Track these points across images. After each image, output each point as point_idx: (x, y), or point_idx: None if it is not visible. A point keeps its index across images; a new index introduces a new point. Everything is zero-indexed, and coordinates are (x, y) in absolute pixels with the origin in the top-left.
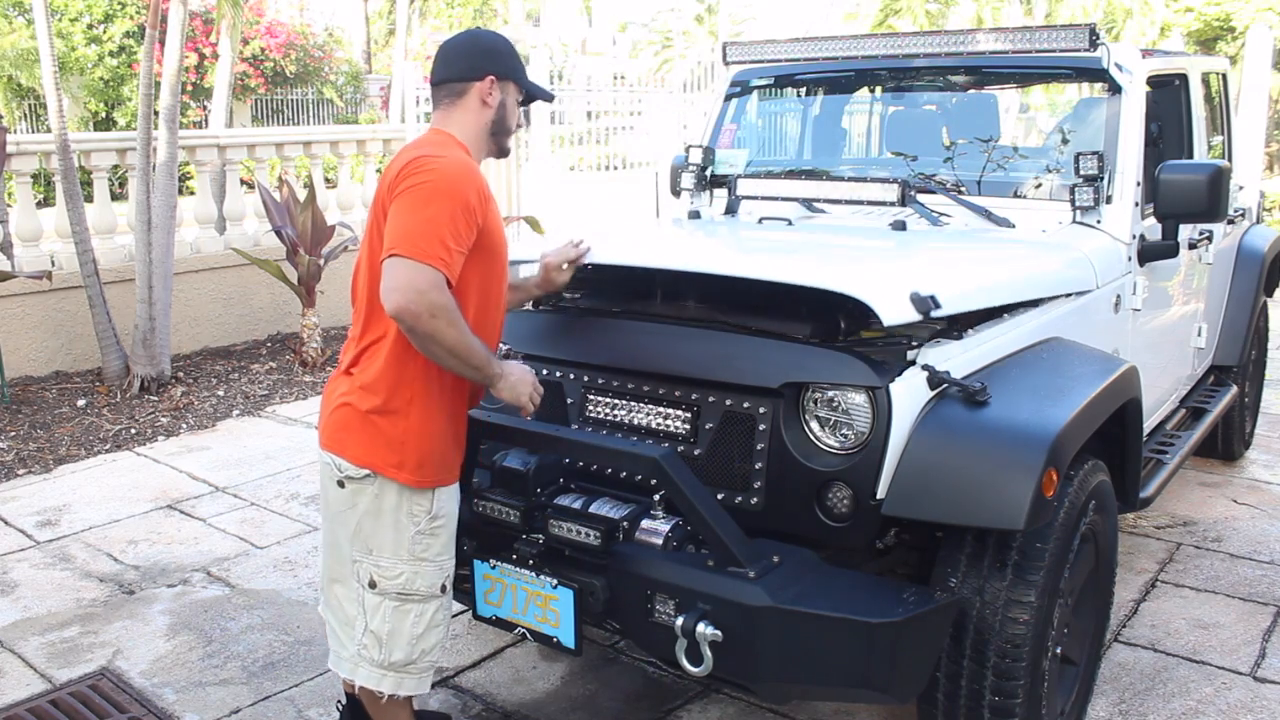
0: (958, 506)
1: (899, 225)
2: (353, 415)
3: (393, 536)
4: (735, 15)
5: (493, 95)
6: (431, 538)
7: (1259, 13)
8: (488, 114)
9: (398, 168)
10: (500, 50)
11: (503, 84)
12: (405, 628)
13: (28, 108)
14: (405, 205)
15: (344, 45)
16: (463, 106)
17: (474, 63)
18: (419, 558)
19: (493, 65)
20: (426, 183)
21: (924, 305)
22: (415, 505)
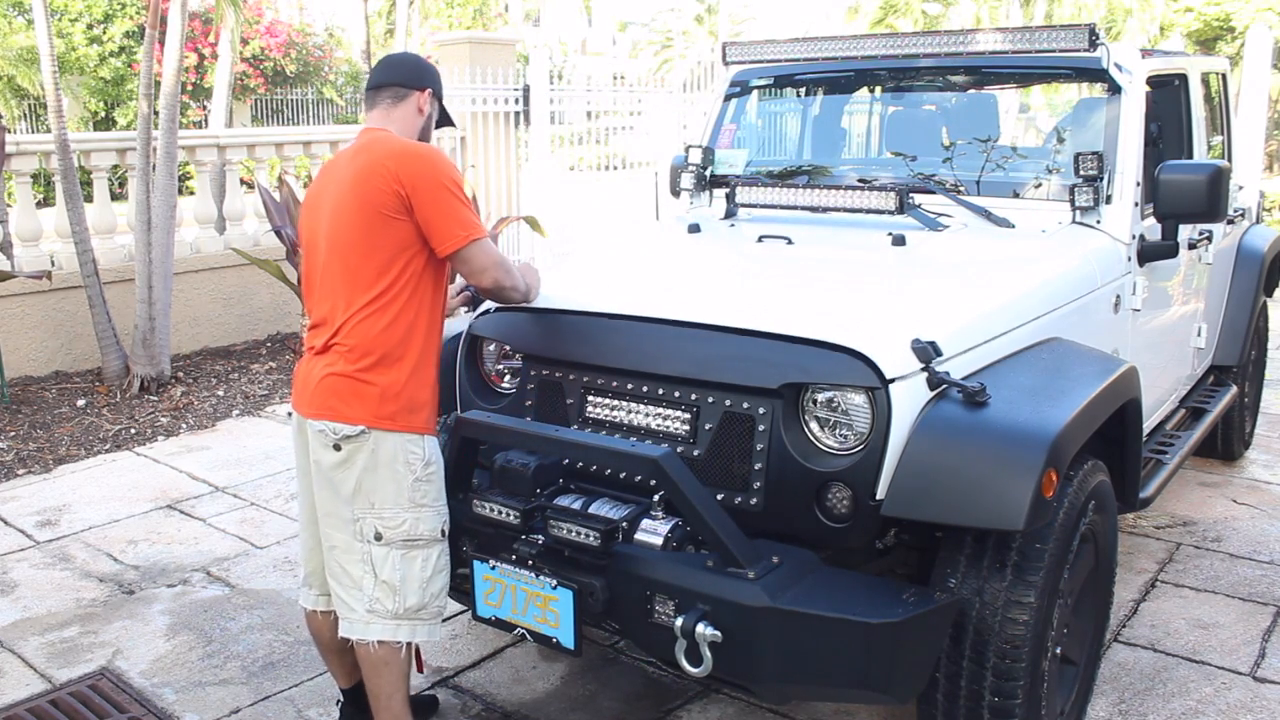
0: (957, 507)
1: (899, 240)
2: (340, 381)
3: (393, 487)
4: (735, 15)
5: (426, 107)
6: (428, 484)
7: (1259, 13)
8: (419, 122)
9: (393, 164)
10: (432, 70)
11: (432, 101)
12: (415, 573)
13: (28, 108)
14: (443, 198)
15: (344, 45)
16: (401, 110)
17: (419, 75)
18: (419, 504)
19: (430, 81)
20: (441, 173)
21: (925, 355)
22: (410, 454)
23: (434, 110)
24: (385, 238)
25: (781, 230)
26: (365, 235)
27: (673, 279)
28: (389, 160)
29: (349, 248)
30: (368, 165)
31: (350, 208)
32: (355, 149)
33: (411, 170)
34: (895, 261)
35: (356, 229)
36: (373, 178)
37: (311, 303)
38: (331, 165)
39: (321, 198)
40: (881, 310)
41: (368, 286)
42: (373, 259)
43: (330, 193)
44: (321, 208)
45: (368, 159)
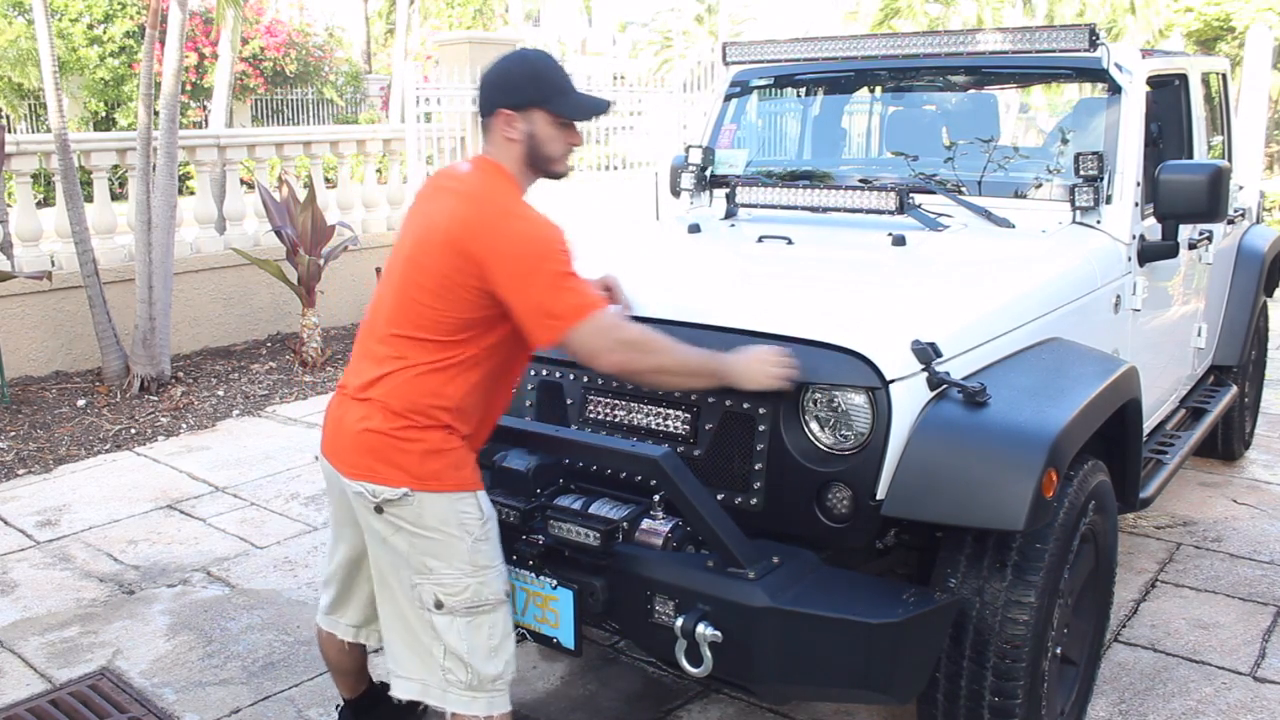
0: (957, 507)
1: (899, 240)
2: (377, 439)
3: (450, 551)
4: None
5: (513, 129)
6: (486, 543)
7: (1259, 13)
8: (515, 148)
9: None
10: (518, 78)
11: (524, 114)
12: (482, 641)
13: (28, 108)
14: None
15: (344, 45)
16: (493, 142)
17: (488, 96)
18: (481, 566)
19: (506, 98)
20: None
21: (925, 356)
22: (463, 514)
23: (533, 126)
24: (460, 304)
25: (782, 230)
26: (437, 296)
27: (673, 279)
28: (454, 224)
29: (419, 295)
30: (444, 218)
31: (431, 256)
32: (448, 179)
33: (480, 242)
34: (895, 262)
35: (429, 285)
36: (444, 237)
37: (367, 327)
38: (438, 182)
39: (414, 218)
40: (882, 310)
41: (430, 347)
42: (443, 322)
43: (419, 219)
44: (410, 230)
45: (446, 206)
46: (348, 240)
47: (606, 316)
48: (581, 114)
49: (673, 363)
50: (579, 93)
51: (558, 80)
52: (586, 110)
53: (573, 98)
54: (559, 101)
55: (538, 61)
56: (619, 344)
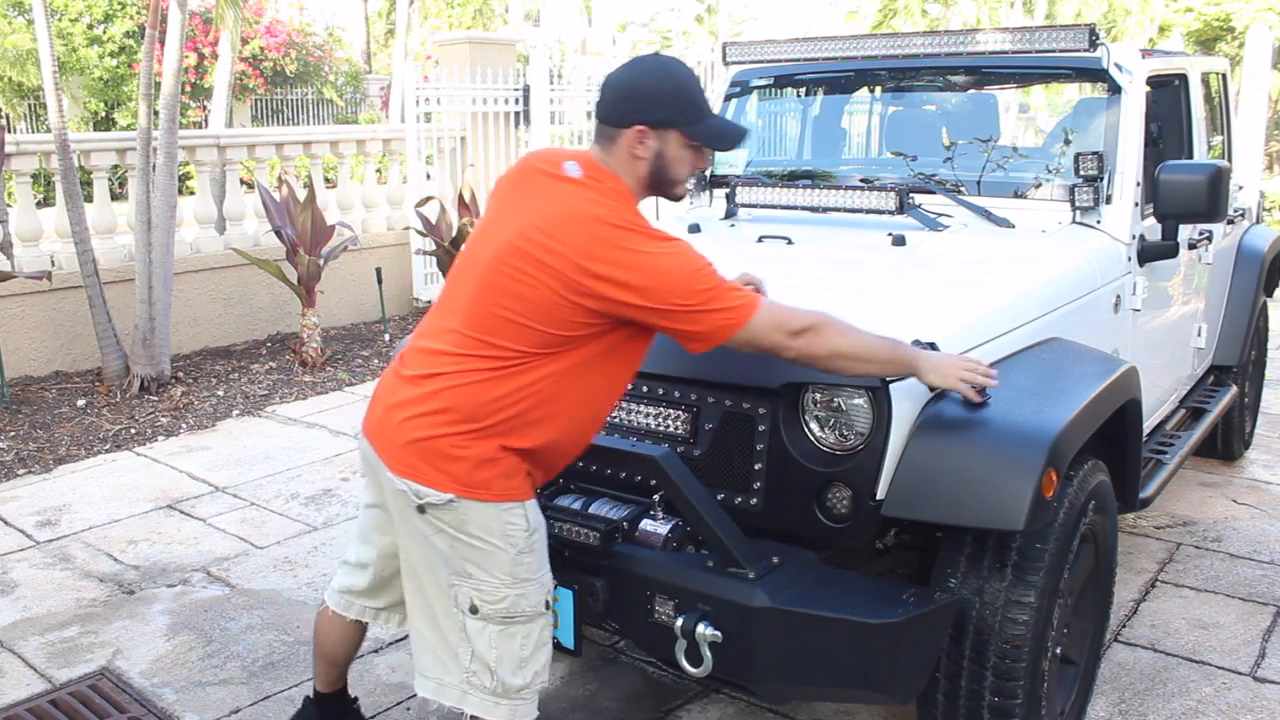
0: (957, 507)
1: (899, 240)
2: (429, 441)
3: (491, 560)
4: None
5: (644, 146)
6: (531, 554)
7: (1259, 13)
8: (641, 165)
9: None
10: (656, 93)
11: (658, 133)
12: (514, 651)
13: (28, 108)
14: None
15: (344, 45)
16: (616, 154)
17: (624, 108)
18: (522, 579)
19: (645, 114)
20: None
21: None
22: (509, 525)
23: (665, 145)
24: (562, 323)
25: (781, 230)
26: (535, 312)
27: None
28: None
29: (509, 303)
30: (562, 236)
31: (538, 273)
32: (556, 176)
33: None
34: (895, 262)
35: (529, 297)
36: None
37: (437, 313)
38: (540, 178)
39: (508, 212)
40: (882, 310)
41: (505, 356)
42: (533, 337)
43: (514, 218)
44: (503, 225)
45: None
46: (347, 240)
47: (771, 308)
48: (721, 143)
49: (850, 346)
50: (717, 116)
51: (699, 101)
52: (726, 139)
53: (713, 123)
54: (698, 126)
55: (681, 77)
56: (794, 333)
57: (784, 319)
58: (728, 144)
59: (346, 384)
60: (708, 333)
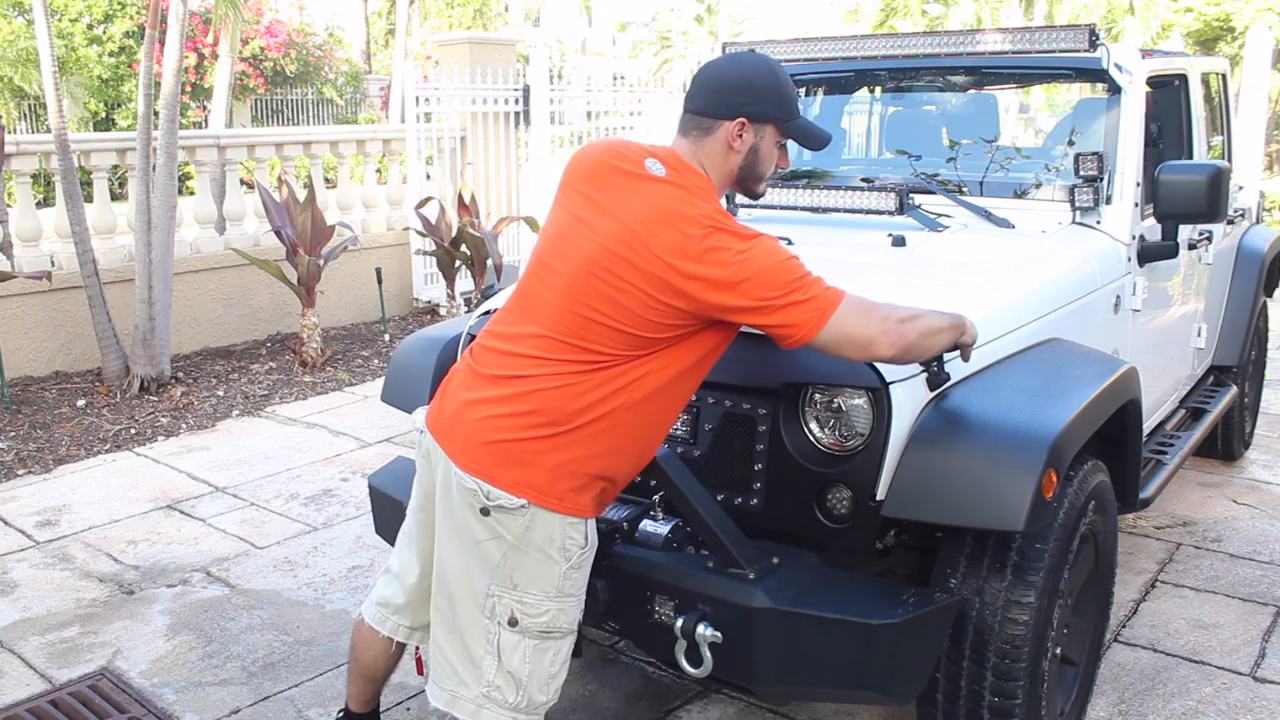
0: (957, 507)
1: (899, 240)
2: (509, 443)
3: (542, 572)
4: (735, 15)
5: (742, 140)
6: (579, 571)
7: (1259, 13)
8: (735, 159)
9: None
10: (761, 87)
11: (757, 127)
12: (544, 667)
13: (28, 108)
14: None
15: (344, 45)
16: (709, 146)
17: (727, 99)
18: (567, 594)
19: (748, 106)
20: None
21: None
22: (569, 539)
23: (760, 140)
24: (654, 325)
25: (781, 230)
26: (628, 316)
27: None
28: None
29: (602, 307)
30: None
31: (632, 274)
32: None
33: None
34: (895, 262)
35: (622, 302)
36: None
37: (516, 313)
38: (607, 170)
39: (588, 209)
40: None
41: (595, 358)
42: (626, 339)
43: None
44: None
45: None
46: (347, 240)
47: (856, 299)
48: (812, 141)
49: (929, 323)
50: (805, 118)
51: (793, 99)
52: (816, 139)
53: (804, 121)
54: (794, 124)
55: (781, 73)
56: (884, 320)
57: (870, 307)
58: (818, 144)
59: (346, 384)
60: (798, 323)
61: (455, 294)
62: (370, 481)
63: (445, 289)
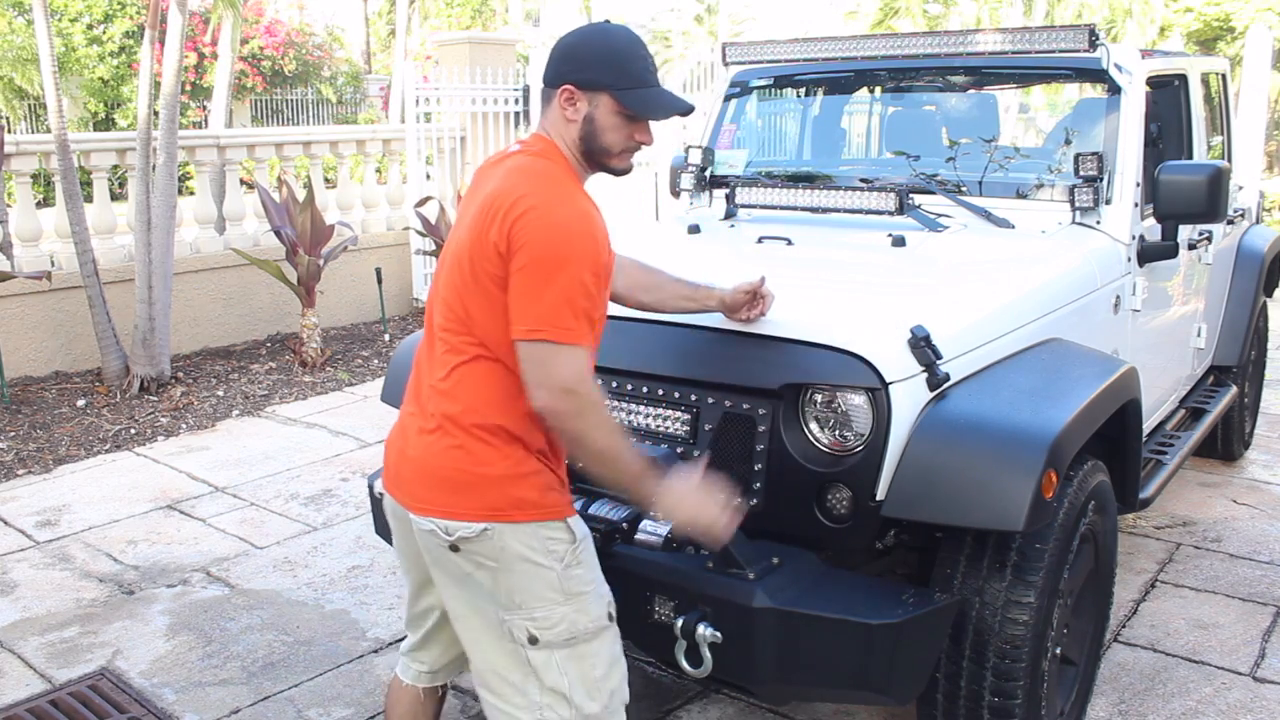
0: (957, 507)
1: (899, 240)
2: (444, 463)
3: (539, 583)
4: (735, 15)
5: (574, 108)
6: (580, 566)
7: (1259, 13)
8: (571, 129)
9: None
10: (589, 55)
11: (589, 95)
12: (585, 673)
13: (28, 108)
14: (529, 276)
15: (344, 45)
16: (550, 116)
17: (556, 66)
18: (574, 594)
19: (575, 73)
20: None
21: (925, 356)
22: (550, 541)
23: (595, 109)
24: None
25: (781, 231)
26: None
27: None
28: (487, 201)
29: (450, 283)
30: (492, 196)
31: (456, 234)
32: (501, 156)
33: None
34: (895, 262)
35: (460, 262)
36: (486, 218)
37: (428, 335)
38: (491, 159)
39: (468, 202)
40: (881, 311)
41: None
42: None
43: (470, 204)
44: (464, 215)
45: (496, 187)
46: (347, 240)
47: (576, 357)
48: (651, 111)
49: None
50: (657, 88)
51: (638, 68)
52: (657, 108)
53: (645, 92)
54: (630, 92)
55: (620, 42)
56: (561, 388)
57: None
58: (658, 113)
59: (346, 384)
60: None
61: None
62: (370, 481)
63: None
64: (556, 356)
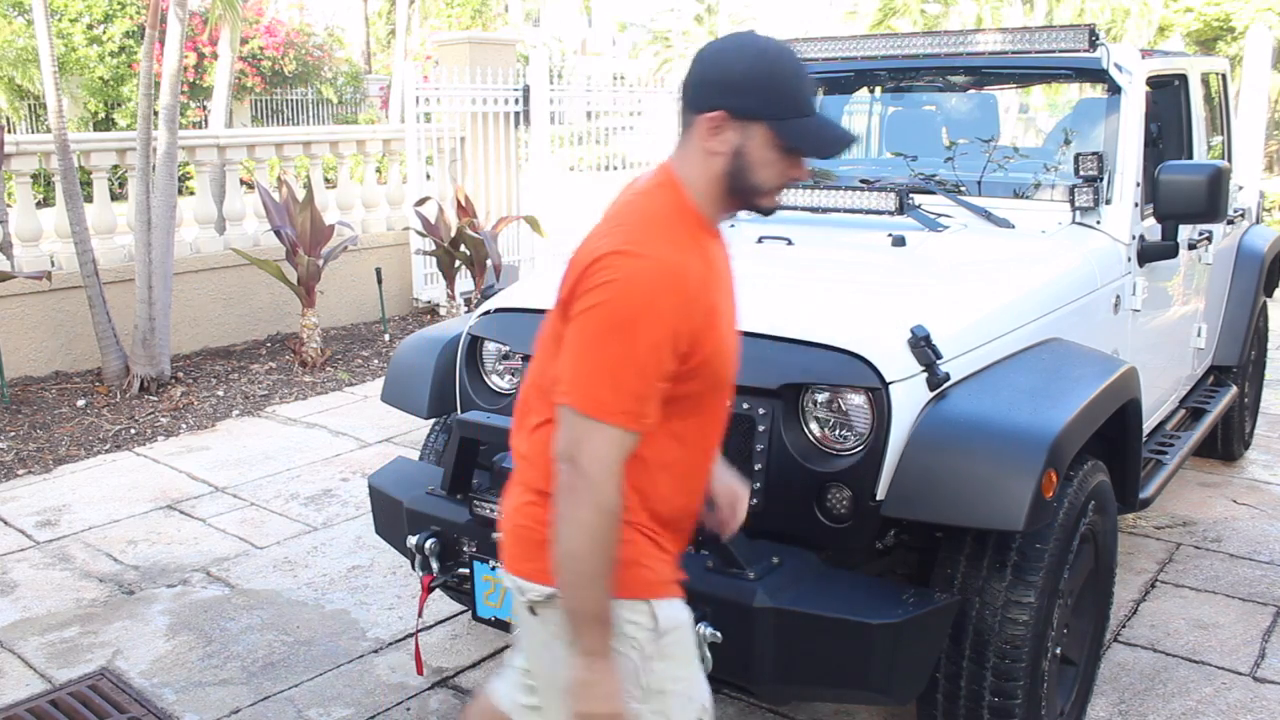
0: (957, 507)
1: (899, 240)
2: (525, 519)
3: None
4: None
5: (720, 139)
6: (665, 661)
7: (1259, 13)
8: (715, 163)
9: (586, 256)
10: (744, 77)
11: (741, 125)
12: None
13: (28, 108)
14: (580, 330)
15: (344, 45)
16: (688, 147)
17: (701, 89)
18: (655, 690)
19: (725, 98)
20: (605, 303)
21: (925, 356)
22: (628, 622)
23: (747, 142)
24: None
25: (781, 231)
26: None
27: None
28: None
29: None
30: (583, 242)
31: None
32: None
33: (586, 283)
34: (895, 262)
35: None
36: (570, 265)
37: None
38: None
39: None
40: (881, 311)
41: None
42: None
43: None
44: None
45: (594, 229)
46: (347, 240)
47: (604, 438)
48: (816, 148)
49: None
50: (820, 117)
51: (799, 95)
52: (823, 143)
53: (808, 123)
54: (792, 125)
55: (780, 61)
56: (568, 454)
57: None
58: (823, 149)
59: (346, 384)
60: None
61: (455, 294)
62: (370, 481)
63: (445, 289)
64: (578, 427)
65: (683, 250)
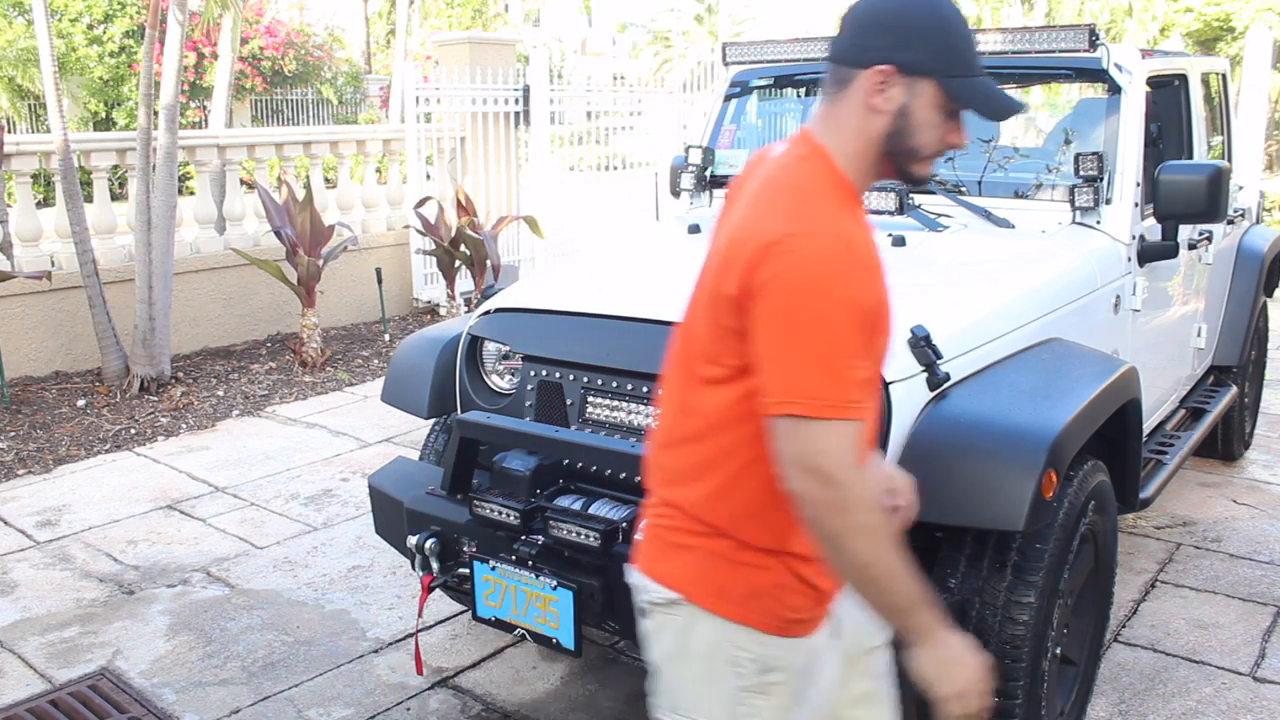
0: (957, 507)
1: (899, 240)
2: (666, 524)
3: (707, 690)
4: (735, 15)
5: (885, 96)
6: (763, 697)
7: (1259, 13)
8: (876, 123)
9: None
10: (915, 27)
11: (910, 82)
12: None
13: (28, 108)
14: (770, 330)
15: (344, 45)
16: (842, 105)
17: (865, 39)
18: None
19: (894, 51)
20: (791, 293)
21: (925, 356)
22: (737, 648)
23: (914, 100)
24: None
25: None
26: (709, 337)
27: (673, 280)
28: (750, 237)
29: (692, 338)
30: (738, 226)
31: (706, 280)
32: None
33: (767, 268)
34: (895, 262)
35: (703, 320)
36: (730, 254)
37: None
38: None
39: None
40: None
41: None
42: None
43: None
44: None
45: (739, 219)
46: (347, 240)
47: (838, 434)
48: (988, 108)
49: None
50: (987, 78)
51: (968, 50)
52: (995, 106)
53: (978, 83)
54: (964, 83)
55: (954, 15)
56: (816, 472)
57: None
58: (995, 111)
59: (346, 384)
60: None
61: (455, 294)
62: (370, 481)
63: (445, 289)
64: (809, 433)
65: (848, 221)
